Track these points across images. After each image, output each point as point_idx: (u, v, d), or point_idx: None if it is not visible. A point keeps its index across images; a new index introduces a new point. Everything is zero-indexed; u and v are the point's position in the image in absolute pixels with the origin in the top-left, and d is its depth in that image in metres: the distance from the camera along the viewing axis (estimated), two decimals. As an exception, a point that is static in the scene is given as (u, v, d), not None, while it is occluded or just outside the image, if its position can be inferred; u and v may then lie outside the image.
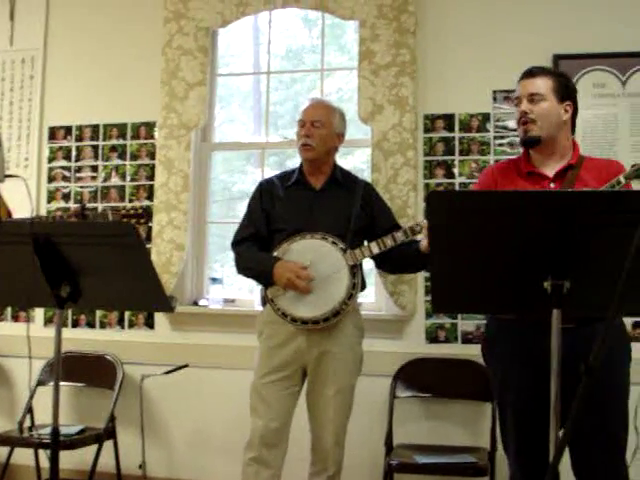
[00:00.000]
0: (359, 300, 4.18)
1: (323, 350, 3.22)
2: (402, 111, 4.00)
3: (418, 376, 3.96)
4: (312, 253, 3.20)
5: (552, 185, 2.73)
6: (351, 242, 3.24)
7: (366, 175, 4.14)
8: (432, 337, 4.00)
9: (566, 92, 2.78)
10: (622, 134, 3.89)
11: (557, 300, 2.09)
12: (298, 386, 3.30)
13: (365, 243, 3.29)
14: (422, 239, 3.09)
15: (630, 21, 3.92)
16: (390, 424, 3.87)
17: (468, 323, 3.96)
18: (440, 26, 4.13)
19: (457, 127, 4.05)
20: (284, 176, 3.48)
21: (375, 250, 3.21)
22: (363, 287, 3.37)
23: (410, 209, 3.91)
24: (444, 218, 2.07)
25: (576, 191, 2.51)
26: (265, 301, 3.32)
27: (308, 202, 3.35)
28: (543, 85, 2.76)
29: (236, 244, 3.42)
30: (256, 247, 3.35)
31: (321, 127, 3.34)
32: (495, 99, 4.04)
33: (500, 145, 4.01)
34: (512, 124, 3.99)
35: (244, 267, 3.39)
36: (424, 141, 4.07)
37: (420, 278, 3.95)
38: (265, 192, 3.42)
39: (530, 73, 2.82)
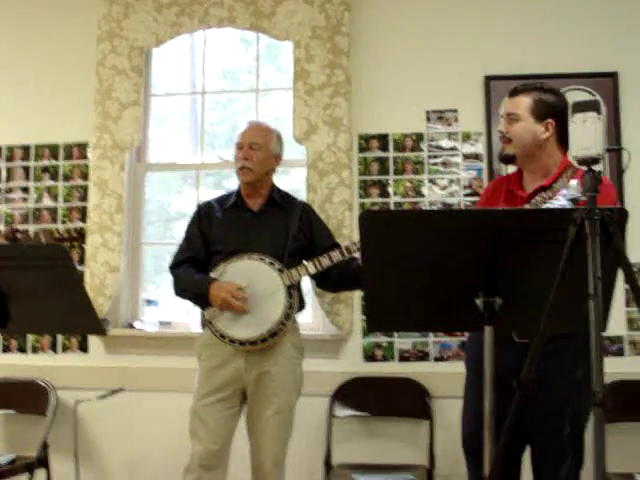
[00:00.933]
0: (298, 320, 4.21)
1: (262, 371, 3.20)
2: (337, 131, 4.03)
3: (356, 395, 3.96)
4: (249, 274, 3.19)
5: (525, 206, 2.74)
6: (289, 263, 3.24)
7: (302, 195, 4.15)
8: (369, 356, 4.01)
9: (548, 110, 2.76)
10: (552, 153, 3.98)
11: (489, 317, 2.12)
12: (238, 407, 3.27)
13: (302, 262, 3.29)
14: (359, 257, 3.12)
15: (559, 43, 4.03)
16: (329, 444, 3.86)
17: (405, 341, 3.98)
18: (374, 47, 4.18)
19: (391, 147, 4.10)
20: (222, 199, 3.47)
21: (311, 270, 3.22)
22: (302, 307, 3.38)
23: (346, 229, 3.93)
24: (375, 237, 2.08)
25: (500, 210, 2.55)
26: (204, 324, 3.29)
27: (246, 224, 3.35)
28: (521, 105, 2.78)
29: (174, 267, 3.40)
30: (193, 269, 3.34)
31: (259, 149, 3.34)
32: (429, 119, 4.09)
33: (434, 164, 4.06)
34: (446, 143, 4.07)
35: (181, 289, 3.37)
36: (359, 161, 4.11)
37: (357, 297, 3.96)
38: (203, 215, 3.41)
39: (512, 92, 2.85)
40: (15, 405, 4.15)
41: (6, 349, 4.31)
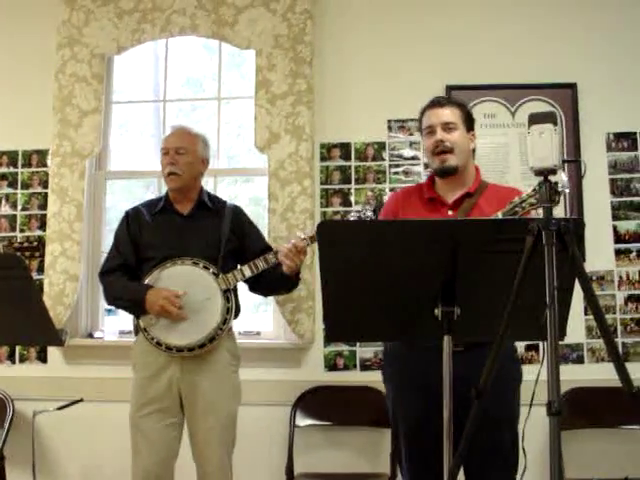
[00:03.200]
0: (259, 329, 4.20)
1: (198, 378, 3.14)
2: (298, 140, 4.03)
3: (318, 404, 3.95)
4: (184, 279, 3.16)
5: (450, 212, 2.78)
6: (223, 266, 3.22)
7: (264, 204, 4.15)
8: (331, 365, 4.01)
9: (471, 122, 2.88)
10: (513, 163, 4.03)
11: (448, 326, 2.13)
12: (179, 416, 3.19)
13: (238, 267, 3.28)
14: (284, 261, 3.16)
15: (519, 54, 4.08)
16: (290, 453, 3.85)
17: (366, 350, 3.99)
18: (337, 56, 4.20)
19: (353, 156, 4.11)
20: (150, 204, 3.43)
21: (247, 273, 3.21)
22: (238, 312, 3.32)
23: (306, 238, 3.92)
24: (333, 248, 2.08)
25: (458, 220, 2.57)
26: (137, 330, 3.24)
27: (177, 228, 3.30)
28: (454, 114, 2.83)
29: (104, 274, 3.34)
30: (126, 277, 3.28)
31: (185, 154, 3.31)
32: (390, 128, 4.12)
33: (395, 173, 4.08)
34: (407, 153, 4.09)
35: (114, 297, 3.30)
36: (320, 169, 4.11)
37: (318, 306, 3.96)
38: (132, 221, 3.36)
39: (439, 103, 2.88)
40: (-29, 417, 4.08)
41: (-37, 360, 4.25)
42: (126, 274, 3.28)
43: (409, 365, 2.65)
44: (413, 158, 4.09)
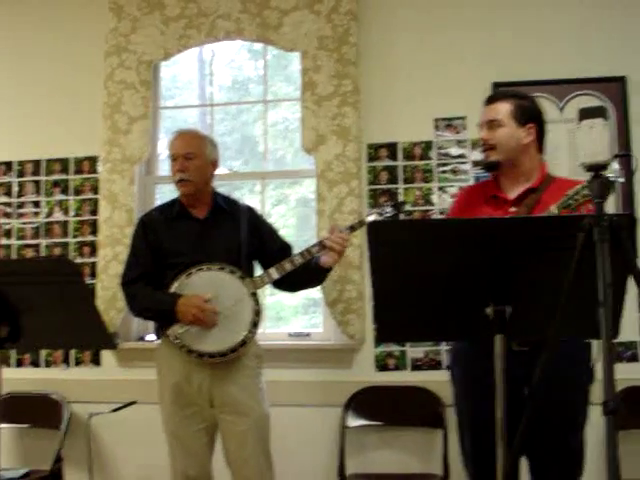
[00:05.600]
0: (309, 330, 4.21)
1: (229, 382, 3.14)
2: (345, 141, 4.03)
3: (369, 405, 3.94)
4: (212, 285, 3.13)
5: (512, 209, 2.74)
6: (246, 268, 3.22)
7: (312, 205, 4.16)
8: (381, 365, 4.00)
9: (527, 115, 2.79)
10: (561, 159, 3.96)
11: (499, 325, 2.11)
12: (209, 421, 3.19)
13: (258, 269, 3.29)
14: (324, 255, 3.17)
15: (566, 48, 4.02)
16: (342, 454, 3.84)
17: (417, 350, 3.97)
18: (382, 56, 4.18)
19: (400, 155, 4.09)
20: (164, 209, 3.41)
21: (275, 276, 3.20)
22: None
23: (356, 238, 3.91)
24: (383, 248, 2.08)
25: (508, 218, 2.54)
26: (159, 334, 3.25)
27: (195, 233, 3.27)
28: (501, 110, 2.79)
29: (126, 285, 3.30)
30: (150, 287, 3.23)
31: (194, 158, 3.27)
32: (437, 127, 4.09)
33: (443, 172, 4.05)
34: (455, 151, 4.06)
35: (142, 308, 3.29)
36: (368, 170, 4.10)
37: (368, 307, 3.95)
38: (148, 228, 3.33)
39: (490, 99, 2.87)
40: (29, 419, 4.15)
41: (20, 363, 4.33)
42: (148, 283, 3.24)
43: (475, 364, 2.62)
44: (461, 156, 4.06)
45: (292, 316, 4.61)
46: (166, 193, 4.63)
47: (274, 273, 3.19)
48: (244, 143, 4.89)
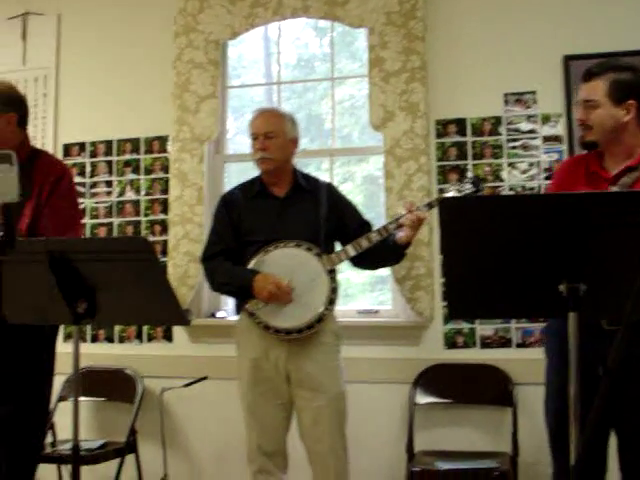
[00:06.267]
0: (377, 307, 4.21)
1: (305, 359, 3.17)
2: (414, 117, 4.00)
3: (438, 382, 3.93)
4: (288, 261, 3.16)
5: (612, 188, 2.64)
6: (325, 246, 3.22)
7: (380, 182, 4.14)
8: (450, 343, 3.98)
9: (626, 91, 2.65)
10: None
11: (573, 303, 2.08)
12: (286, 398, 3.23)
13: (337, 247, 3.29)
14: (400, 232, 3.15)
15: (641, 19, 3.90)
16: (411, 431, 3.85)
17: (486, 328, 3.93)
18: (449, 30, 4.12)
19: (469, 131, 4.04)
20: (245, 187, 3.43)
21: (352, 253, 3.20)
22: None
23: (424, 215, 3.89)
24: (456, 224, 2.06)
25: (587, 193, 2.48)
26: (239, 310, 3.29)
27: (275, 211, 3.31)
28: (597, 90, 2.66)
29: (206, 260, 3.36)
30: (230, 262, 3.29)
31: (275, 137, 3.30)
32: (506, 102, 4.02)
33: (513, 148, 3.99)
34: (525, 126, 3.99)
35: (220, 283, 3.33)
36: (436, 146, 4.06)
37: (437, 284, 3.94)
38: (230, 205, 3.38)
39: (586, 75, 2.73)
40: (104, 393, 4.28)
41: (95, 339, 4.45)
42: (228, 259, 3.29)
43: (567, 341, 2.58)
44: (531, 132, 3.98)
45: (360, 293, 4.62)
46: (231, 172, 4.68)
47: (350, 250, 3.20)
48: (310, 121, 4.89)
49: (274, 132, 3.30)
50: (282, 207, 3.32)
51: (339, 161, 4.62)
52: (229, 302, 4.38)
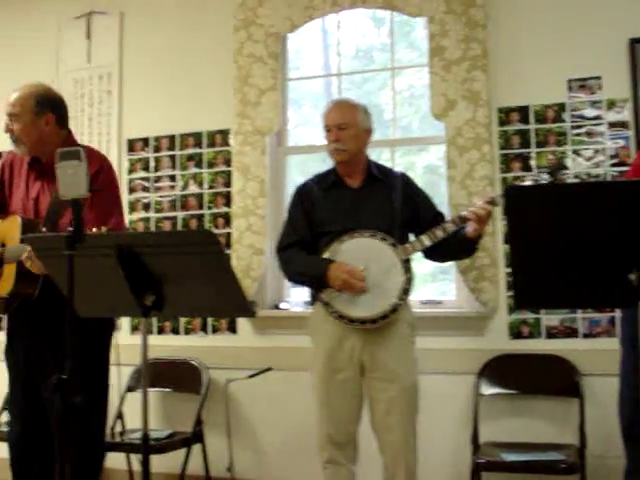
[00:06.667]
0: (440, 298, 4.19)
1: (379, 349, 3.16)
2: (475, 105, 3.96)
3: (503, 373, 3.89)
4: (363, 251, 3.15)
5: None
6: (399, 236, 3.21)
7: (442, 172, 4.12)
8: (515, 333, 3.94)
9: None
10: None
11: (643, 292, 2.04)
12: (358, 388, 3.23)
13: (411, 237, 3.26)
14: (468, 225, 3.10)
15: None
16: (475, 422, 3.82)
17: (552, 318, 3.88)
18: (511, 16, 4.06)
19: (532, 119, 3.98)
20: (319, 179, 3.44)
21: (427, 242, 3.16)
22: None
23: (488, 205, 3.85)
24: (522, 213, 2.04)
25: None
26: (314, 300, 3.30)
27: (349, 202, 3.31)
28: None
29: (281, 250, 3.38)
30: (304, 252, 3.31)
31: (348, 128, 3.29)
32: (570, 88, 3.95)
33: (577, 135, 3.91)
34: (589, 112, 3.91)
35: (295, 272, 3.35)
36: (499, 135, 4.01)
37: (501, 274, 3.90)
38: (304, 196, 3.39)
39: None
40: (171, 384, 4.35)
41: (161, 331, 4.53)
42: (303, 250, 3.31)
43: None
44: (596, 118, 3.90)
45: (421, 284, 4.60)
46: (292, 164, 4.69)
47: (425, 240, 3.17)
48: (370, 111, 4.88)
49: (347, 123, 3.29)
50: (356, 197, 3.32)
51: (399, 151, 4.59)
52: (292, 294, 4.42)
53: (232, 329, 4.40)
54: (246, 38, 4.39)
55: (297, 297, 4.39)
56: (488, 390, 3.88)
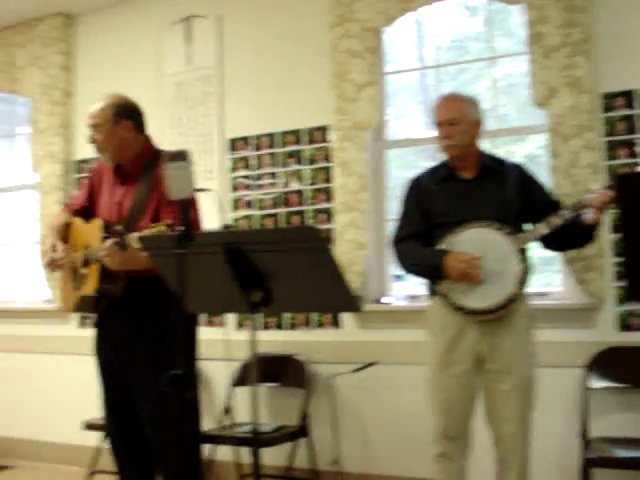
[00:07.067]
0: (546, 289, 4.11)
1: (497, 341, 3.14)
2: (578, 92, 3.86)
3: (613, 366, 3.78)
4: (478, 242, 3.13)
5: None
6: (515, 226, 3.17)
7: (542, 161, 4.04)
8: (625, 325, 3.82)
9: None
10: None
11: None
12: (474, 382, 3.22)
13: (524, 226, 3.21)
14: (587, 212, 3.00)
15: None
16: (585, 416, 3.74)
17: (663, 309, 3.76)
18: (612, -1, 3.95)
19: (639, 103, 3.85)
20: (432, 172, 3.43)
21: (543, 230, 3.10)
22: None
23: (594, 193, 3.76)
24: (634, 201, 1.99)
25: None
26: (433, 293, 3.29)
27: (463, 193, 3.29)
28: None
29: (396, 243, 3.40)
30: (419, 244, 3.32)
31: (457, 123, 3.26)
32: (679, 70, 3.81)
33: (687, 119, 3.77)
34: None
35: (410, 263, 3.36)
36: (604, 121, 3.90)
37: (609, 264, 3.80)
38: (417, 189, 3.40)
39: None
40: (276, 378, 4.41)
41: (266, 326, 4.60)
42: (418, 242, 3.33)
43: None
44: None
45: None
46: (390, 158, 4.68)
47: (542, 228, 3.12)
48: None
49: (456, 118, 3.27)
50: (470, 189, 3.30)
51: (497, 141, 4.52)
52: (395, 288, 4.42)
53: (336, 324, 4.43)
54: (342, 34, 4.41)
55: (400, 291, 4.39)
56: (597, 384, 3.79)
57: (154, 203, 3.26)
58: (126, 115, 3.38)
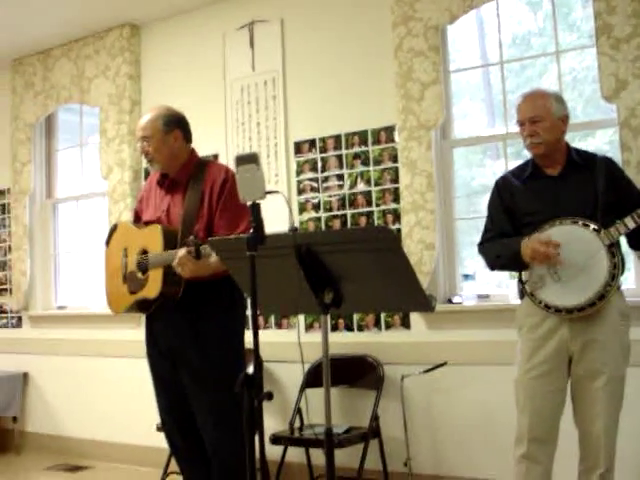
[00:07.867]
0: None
1: (588, 339, 3.09)
2: (650, 83, 3.77)
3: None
4: (564, 238, 3.08)
5: None
6: (602, 222, 3.10)
7: (611, 156, 3.95)
8: None
9: None
10: None
11: None
12: (564, 379, 3.18)
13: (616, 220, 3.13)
14: None
15: None
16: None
17: None
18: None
19: None
20: (518, 170, 3.39)
21: (631, 224, 3.03)
22: (623, 269, 3.16)
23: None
24: None
25: None
26: (523, 294, 3.26)
27: (550, 190, 3.24)
28: None
29: (482, 245, 3.40)
30: (500, 239, 3.31)
31: (541, 120, 3.20)
32: None
33: None
34: None
35: (493, 257, 3.34)
36: (679, 112, 3.80)
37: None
38: (503, 190, 3.37)
39: None
40: (347, 380, 4.41)
41: (334, 328, 4.60)
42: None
43: None
44: None
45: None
46: (455, 157, 4.65)
47: (630, 222, 3.05)
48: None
49: (539, 116, 3.23)
50: (556, 186, 3.26)
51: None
52: (464, 288, 4.39)
53: (405, 324, 4.41)
54: (405, 33, 4.40)
55: (470, 291, 4.35)
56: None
57: (206, 211, 3.37)
58: (175, 125, 3.51)
